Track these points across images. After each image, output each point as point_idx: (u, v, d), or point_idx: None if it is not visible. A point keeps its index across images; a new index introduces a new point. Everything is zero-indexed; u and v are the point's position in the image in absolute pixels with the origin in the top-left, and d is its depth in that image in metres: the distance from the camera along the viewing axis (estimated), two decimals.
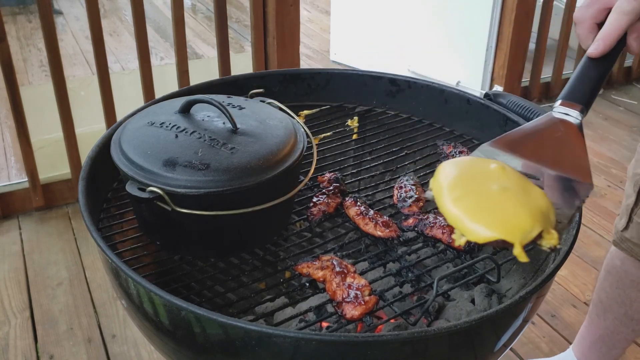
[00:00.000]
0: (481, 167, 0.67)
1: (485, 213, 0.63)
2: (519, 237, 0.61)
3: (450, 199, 0.64)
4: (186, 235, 0.96)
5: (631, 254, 1.32)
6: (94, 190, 1.03)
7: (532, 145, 0.73)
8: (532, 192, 0.65)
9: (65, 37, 4.28)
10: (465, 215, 0.63)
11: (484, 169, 0.66)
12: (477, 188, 0.65)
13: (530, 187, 0.66)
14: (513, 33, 2.90)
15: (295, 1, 2.40)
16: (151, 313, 0.86)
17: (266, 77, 1.38)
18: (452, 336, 0.82)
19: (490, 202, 0.63)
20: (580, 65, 0.77)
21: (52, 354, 1.73)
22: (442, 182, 0.67)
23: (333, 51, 3.85)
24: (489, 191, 0.64)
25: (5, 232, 2.23)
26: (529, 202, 0.63)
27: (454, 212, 0.64)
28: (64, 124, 2.23)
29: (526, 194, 0.64)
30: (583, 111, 0.75)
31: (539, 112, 1.21)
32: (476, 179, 0.66)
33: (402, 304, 1.03)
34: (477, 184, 0.65)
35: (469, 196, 0.64)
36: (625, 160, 2.79)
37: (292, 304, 1.00)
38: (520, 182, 0.66)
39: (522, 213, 0.62)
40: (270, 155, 0.91)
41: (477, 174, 0.66)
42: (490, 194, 0.63)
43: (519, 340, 1.34)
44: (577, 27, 0.78)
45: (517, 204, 0.63)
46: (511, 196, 0.63)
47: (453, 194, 0.64)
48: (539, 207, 0.63)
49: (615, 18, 0.73)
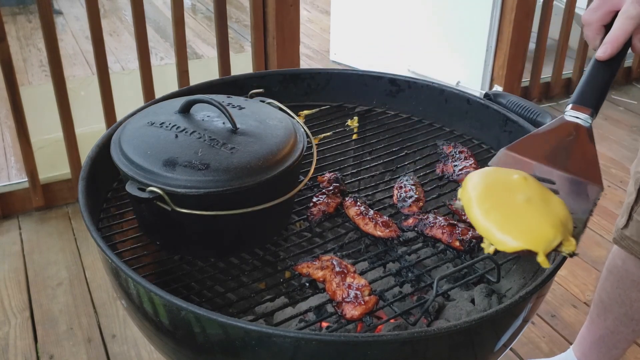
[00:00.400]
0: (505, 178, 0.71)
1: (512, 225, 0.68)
2: (543, 247, 0.67)
3: (480, 211, 0.69)
4: (186, 235, 0.96)
5: (631, 251, 1.32)
6: (94, 190, 1.03)
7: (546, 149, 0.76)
8: (552, 202, 0.69)
9: (65, 37, 4.28)
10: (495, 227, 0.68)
11: (508, 179, 0.71)
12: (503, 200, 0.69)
13: (550, 196, 0.70)
14: (513, 33, 2.90)
15: (295, 1, 2.40)
16: (151, 313, 0.86)
17: (266, 77, 1.38)
18: (452, 336, 0.82)
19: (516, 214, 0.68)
20: (589, 68, 0.80)
21: (52, 354, 1.73)
22: (470, 194, 0.71)
23: (333, 51, 3.85)
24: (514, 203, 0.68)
25: (5, 232, 2.23)
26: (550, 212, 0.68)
27: (485, 224, 0.69)
28: (64, 124, 2.23)
29: (547, 204, 0.69)
30: (592, 114, 0.78)
31: (539, 112, 1.21)
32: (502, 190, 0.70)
33: (402, 304, 1.03)
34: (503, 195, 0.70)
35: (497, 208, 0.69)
36: (625, 160, 2.79)
37: (292, 304, 1.00)
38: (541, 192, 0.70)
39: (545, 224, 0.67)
40: (270, 155, 0.91)
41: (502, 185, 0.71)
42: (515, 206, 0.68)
43: (519, 340, 1.34)
44: (585, 29, 0.81)
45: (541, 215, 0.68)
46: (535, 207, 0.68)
47: (482, 206, 0.69)
48: (559, 217, 0.68)
49: (622, 22, 0.76)
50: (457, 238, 0.97)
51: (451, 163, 1.19)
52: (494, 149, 1.28)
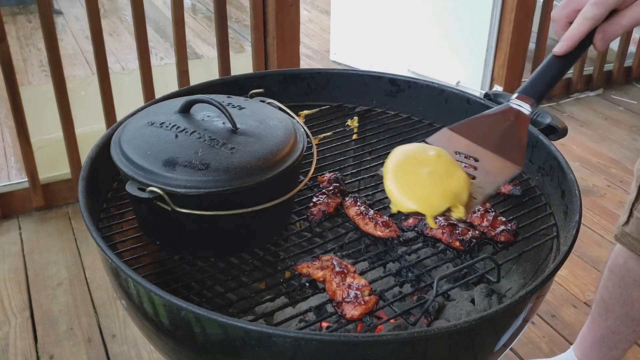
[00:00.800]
0: (421, 154, 0.83)
1: (410, 191, 0.80)
2: (430, 211, 0.79)
3: (389, 178, 0.82)
4: (186, 235, 0.96)
5: (631, 248, 1.32)
6: (94, 190, 1.03)
7: (483, 130, 0.85)
8: (454, 176, 0.80)
9: (65, 37, 4.28)
10: (398, 191, 0.81)
11: (423, 155, 0.82)
12: (411, 171, 0.82)
13: (456, 172, 0.81)
14: (513, 33, 2.90)
15: (295, 1, 2.40)
16: (151, 313, 0.86)
17: (266, 77, 1.38)
18: (452, 336, 0.82)
19: (416, 183, 0.81)
20: (546, 60, 0.86)
21: (52, 354, 1.73)
22: (389, 164, 0.83)
23: (333, 51, 3.85)
24: (419, 174, 0.81)
25: (5, 232, 2.23)
26: (445, 184, 0.79)
27: (391, 188, 0.81)
28: (64, 124, 2.23)
29: (447, 178, 0.80)
30: (533, 104, 0.84)
31: (538, 112, 1.21)
32: (413, 163, 0.82)
33: (402, 304, 1.03)
34: (413, 167, 0.82)
35: (404, 177, 0.82)
36: (625, 160, 2.79)
37: (292, 304, 1.00)
38: (449, 167, 0.81)
39: (435, 193, 0.79)
40: (270, 155, 0.91)
41: (416, 160, 0.83)
42: (419, 177, 0.81)
43: (519, 340, 1.34)
44: (554, 24, 0.88)
45: (435, 186, 0.80)
46: (433, 179, 0.80)
47: (393, 174, 0.82)
48: (452, 188, 0.79)
49: (579, 22, 0.82)
50: (457, 238, 0.97)
51: None
52: None
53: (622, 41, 3.42)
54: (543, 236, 1.05)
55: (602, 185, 2.60)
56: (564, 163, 1.09)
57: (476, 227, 1.01)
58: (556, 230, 1.06)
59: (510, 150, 0.83)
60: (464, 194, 0.79)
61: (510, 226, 1.00)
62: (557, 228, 1.06)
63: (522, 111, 0.84)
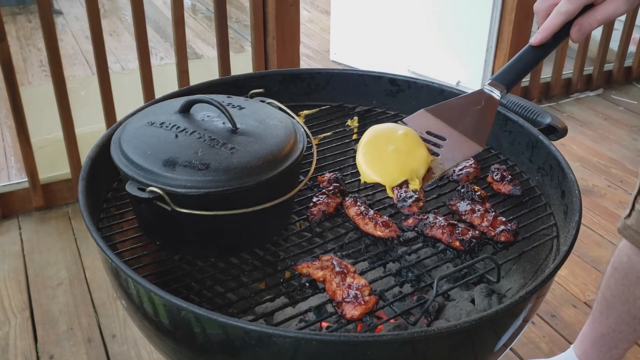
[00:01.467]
0: (391, 132, 0.92)
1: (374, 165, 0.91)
2: (388, 182, 0.90)
3: (360, 152, 0.92)
4: (186, 235, 0.96)
5: (633, 241, 1.33)
6: (94, 190, 1.03)
7: (454, 112, 0.93)
8: (415, 153, 0.90)
9: (65, 37, 4.28)
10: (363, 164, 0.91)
11: (393, 134, 0.92)
12: (379, 147, 0.92)
13: (417, 149, 0.90)
14: (513, 33, 2.90)
15: (295, 1, 2.40)
16: (151, 313, 0.86)
17: (266, 77, 1.38)
18: (452, 336, 0.82)
19: (380, 158, 0.91)
20: (522, 50, 0.93)
21: (52, 354, 1.73)
22: (362, 140, 0.94)
23: (333, 51, 3.85)
24: (384, 150, 0.91)
25: (5, 232, 2.23)
26: (405, 160, 0.89)
27: (359, 161, 0.91)
28: (64, 124, 2.23)
29: (408, 155, 0.89)
30: (503, 90, 0.92)
31: (538, 112, 1.21)
32: (382, 141, 0.92)
33: (402, 304, 1.03)
34: (381, 144, 0.92)
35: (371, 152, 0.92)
36: (625, 160, 2.79)
37: (292, 304, 1.00)
38: (412, 145, 0.90)
39: (394, 167, 0.90)
40: (270, 155, 0.91)
41: (385, 138, 0.92)
42: (384, 152, 0.91)
43: (519, 340, 1.34)
44: (536, 16, 0.94)
45: (395, 161, 0.90)
46: (395, 155, 0.90)
47: (363, 149, 0.92)
48: (411, 164, 0.89)
49: (553, 16, 0.88)
50: (457, 238, 0.97)
51: None
52: (493, 149, 1.28)
53: (622, 41, 3.42)
54: (543, 236, 1.05)
55: (602, 185, 2.60)
56: (564, 163, 1.09)
57: (476, 227, 1.01)
58: (556, 230, 1.06)
59: (476, 131, 0.91)
60: (421, 169, 0.89)
61: (510, 226, 1.00)
62: (557, 228, 1.06)
63: (492, 96, 0.92)
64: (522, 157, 1.22)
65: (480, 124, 0.92)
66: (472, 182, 1.15)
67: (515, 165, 1.23)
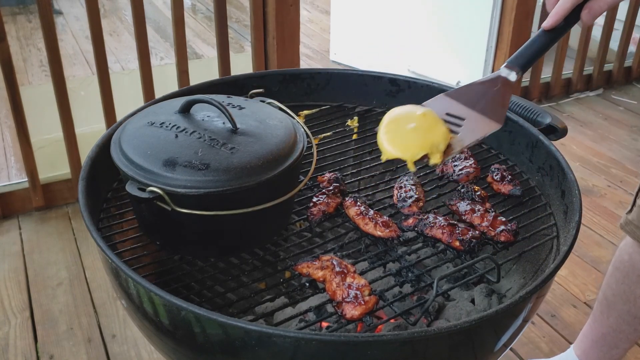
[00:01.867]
0: (411, 113, 0.96)
1: (395, 141, 0.94)
2: (409, 156, 0.93)
3: (382, 131, 0.96)
4: (186, 235, 0.96)
5: (634, 237, 1.33)
6: (94, 190, 1.03)
7: (472, 95, 0.97)
8: (434, 129, 0.93)
9: (65, 37, 4.28)
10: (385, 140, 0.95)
11: (412, 114, 0.96)
12: (399, 126, 0.96)
13: (437, 126, 0.94)
14: (513, 33, 2.90)
15: (295, 1, 2.40)
16: (151, 313, 0.86)
17: (266, 77, 1.38)
18: (452, 336, 0.82)
19: (401, 135, 0.94)
20: (535, 34, 0.96)
21: (52, 354, 1.73)
22: (383, 120, 0.97)
23: (333, 51, 3.85)
24: (404, 128, 0.95)
25: (5, 232, 2.23)
26: (425, 136, 0.93)
27: (380, 138, 0.95)
28: (64, 124, 2.23)
29: (428, 131, 0.93)
30: (518, 72, 0.95)
31: (539, 112, 1.21)
32: (403, 120, 0.96)
33: (402, 304, 1.03)
34: (401, 123, 0.96)
35: (391, 130, 0.96)
36: (625, 160, 2.79)
37: (292, 304, 1.00)
38: (432, 123, 0.94)
39: (414, 143, 0.93)
40: (270, 155, 0.91)
41: (405, 117, 0.96)
42: (404, 130, 0.95)
43: (519, 340, 1.34)
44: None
45: (416, 136, 0.93)
46: (415, 133, 0.93)
47: (385, 128, 0.96)
48: (431, 139, 0.92)
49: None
50: (457, 238, 0.97)
51: (451, 163, 1.19)
52: (493, 149, 1.28)
53: (622, 41, 3.42)
54: (543, 236, 1.05)
55: (602, 185, 2.60)
56: (564, 163, 1.09)
57: (476, 227, 1.01)
58: (556, 230, 1.06)
59: (494, 111, 0.95)
60: (441, 144, 0.92)
61: (510, 226, 1.00)
62: (557, 228, 1.06)
63: (508, 78, 0.95)
64: (522, 157, 1.22)
65: (498, 105, 0.95)
66: (472, 182, 1.15)
67: (515, 165, 1.23)
